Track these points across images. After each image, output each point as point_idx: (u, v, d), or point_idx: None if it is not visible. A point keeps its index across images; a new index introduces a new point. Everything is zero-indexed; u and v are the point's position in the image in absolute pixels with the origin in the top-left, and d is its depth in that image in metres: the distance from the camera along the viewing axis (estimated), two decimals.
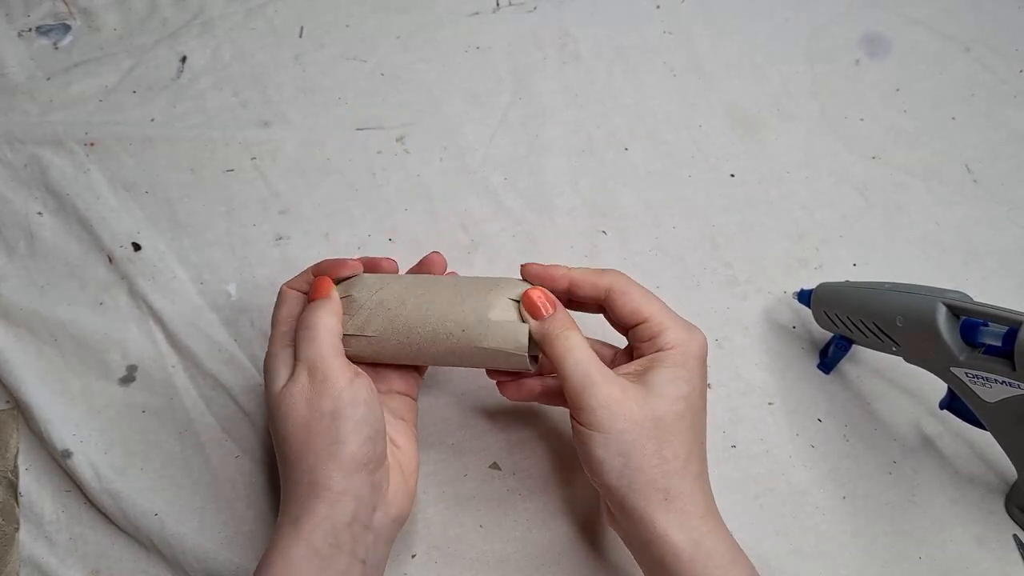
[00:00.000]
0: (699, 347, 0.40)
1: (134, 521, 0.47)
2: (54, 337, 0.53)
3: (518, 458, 0.50)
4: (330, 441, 0.38)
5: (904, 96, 0.63)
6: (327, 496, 0.37)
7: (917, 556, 0.47)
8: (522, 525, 0.48)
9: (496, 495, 0.49)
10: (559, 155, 0.60)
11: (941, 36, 0.65)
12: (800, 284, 0.53)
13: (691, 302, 0.55)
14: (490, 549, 0.47)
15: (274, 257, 0.56)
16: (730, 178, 0.60)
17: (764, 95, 0.63)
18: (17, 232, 0.56)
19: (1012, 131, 0.61)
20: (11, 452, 0.50)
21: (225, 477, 0.49)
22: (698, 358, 0.40)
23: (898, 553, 0.47)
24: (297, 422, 0.38)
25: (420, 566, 0.47)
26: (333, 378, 0.39)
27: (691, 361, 0.39)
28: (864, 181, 0.59)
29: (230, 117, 0.61)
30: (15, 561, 0.47)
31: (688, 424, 0.38)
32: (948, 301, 0.41)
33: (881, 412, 0.51)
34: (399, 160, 0.60)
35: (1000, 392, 0.41)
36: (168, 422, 0.51)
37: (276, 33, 0.65)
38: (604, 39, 0.65)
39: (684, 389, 0.38)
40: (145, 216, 0.57)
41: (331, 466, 0.37)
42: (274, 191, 0.58)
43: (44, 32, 0.65)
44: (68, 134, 0.59)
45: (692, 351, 0.40)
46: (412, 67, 0.64)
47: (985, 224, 0.58)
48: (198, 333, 0.53)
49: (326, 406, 0.38)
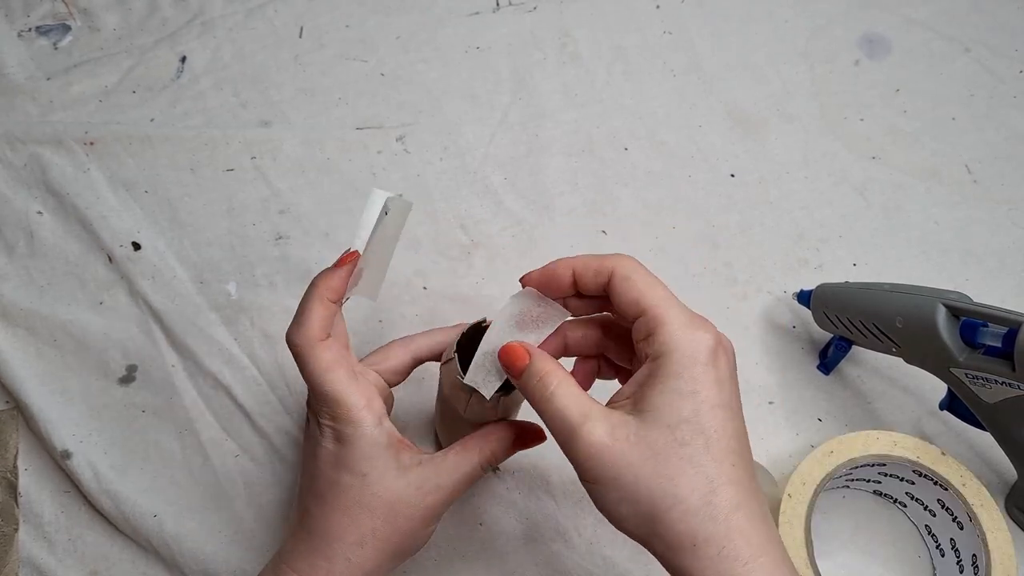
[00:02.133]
0: (704, 349, 0.32)
1: (133, 522, 0.47)
2: (54, 337, 0.53)
3: (518, 458, 0.50)
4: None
5: (904, 96, 0.63)
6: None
7: (916, 556, 0.47)
8: (522, 524, 0.48)
9: (496, 494, 0.49)
10: (559, 155, 0.60)
11: (941, 36, 0.65)
12: (800, 284, 0.53)
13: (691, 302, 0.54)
14: (489, 548, 0.47)
15: (274, 256, 0.56)
16: (730, 178, 0.60)
17: (764, 95, 0.63)
18: (17, 232, 0.56)
19: (1012, 131, 0.61)
20: (10, 452, 0.50)
21: (225, 477, 0.49)
22: (704, 363, 0.32)
23: (897, 552, 0.47)
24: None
25: (419, 565, 0.47)
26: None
27: (694, 369, 0.32)
28: (863, 181, 0.59)
29: (230, 117, 0.61)
30: (14, 562, 0.47)
31: (701, 448, 0.31)
32: (948, 302, 0.41)
33: (881, 412, 0.51)
34: (399, 160, 0.60)
35: (1000, 392, 0.41)
36: (168, 422, 0.51)
37: (276, 33, 0.65)
38: (604, 39, 0.65)
39: (685, 408, 0.31)
40: (145, 215, 0.57)
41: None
42: (274, 191, 0.58)
43: (44, 32, 0.65)
44: (68, 134, 0.59)
45: (693, 354, 0.32)
46: (412, 67, 0.64)
47: (985, 224, 0.58)
48: (198, 333, 0.53)
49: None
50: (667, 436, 0.31)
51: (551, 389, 0.33)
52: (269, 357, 0.52)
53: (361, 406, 0.37)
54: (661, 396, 0.32)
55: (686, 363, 0.32)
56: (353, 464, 0.37)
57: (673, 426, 0.31)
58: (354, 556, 0.37)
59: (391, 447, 0.37)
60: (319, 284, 0.38)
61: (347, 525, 0.37)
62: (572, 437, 0.32)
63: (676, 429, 0.31)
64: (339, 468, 0.37)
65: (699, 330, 0.33)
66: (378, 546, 0.37)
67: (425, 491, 0.37)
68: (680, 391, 0.32)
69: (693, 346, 0.32)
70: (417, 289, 0.55)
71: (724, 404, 0.32)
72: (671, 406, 0.31)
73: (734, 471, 0.31)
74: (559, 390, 0.33)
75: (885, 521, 0.49)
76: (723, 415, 0.32)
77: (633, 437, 0.31)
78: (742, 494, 0.31)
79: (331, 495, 0.37)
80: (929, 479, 0.45)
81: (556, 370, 0.34)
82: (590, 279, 0.36)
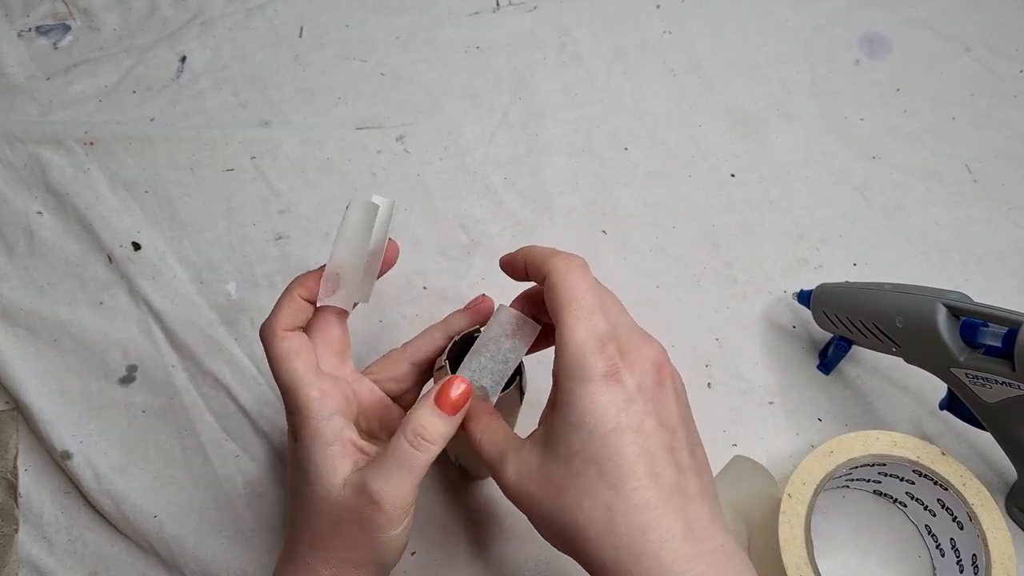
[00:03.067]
0: (599, 370, 0.31)
1: (133, 523, 0.47)
2: (54, 337, 0.53)
3: None
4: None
5: (904, 96, 0.63)
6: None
7: (916, 556, 0.47)
8: (521, 524, 0.48)
9: (496, 494, 0.49)
10: (559, 155, 0.60)
11: (941, 36, 0.65)
12: (800, 284, 0.53)
13: (691, 302, 0.55)
14: (489, 548, 0.47)
15: (274, 256, 0.56)
16: (730, 178, 0.60)
17: (764, 95, 0.63)
18: (17, 232, 0.56)
19: (1012, 131, 0.61)
20: (11, 453, 0.50)
21: (225, 477, 0.49)
22: (600, 385, 0.30)
23: (897, 552, 0.47)
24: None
25: (419, 564, 0.47)
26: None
27: (584, 398, 0.30)
28: (864, 181, 0.59)
29: (230, 117, 0.61)
30: (14, 562, 0.47)
31: (595, 478, 0.30)
32: (948, 302, 0.41)
33: (881, 412, 0.51)
34: (399, 160, 0.60)
35: (1000, 392, 0.41)
36: (168, 422, 0.51)
37: (276, 33, 0.65)
38: (604, 39, 0.65)
39: (575, 440, 0.30)
40: (145, 215, 0.57)
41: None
42: (274, 190, 0.58)
43: (44, 32, 0.65)
44: (68, 134, 0.59)
45: (586, 379, 0.30)
46: (412, 67, 0.64)
47: (985, 224, 0.58)
48: (198, 333, 0.53)
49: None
50: (563, 469, 0.31)
51: (477, 436, 0.35)
52: None
53: (312, 396, 0.35)
54: (556, 427, 0.31)
55: (577, 392, 0.31)
56: (300, 460, 0.36)
57: (567, 458, 0.31)
58: (314, 560, 0.35)
59: (337, 445, 0.35)
60: (292, 281, 0.38)
61: (303, 527, 0.36)
62: (495, 474, 0.33)
63: (570, 461, 0.31)
64: (294, 465, 0.37)
65: (597, 354, 0.31)
66: (334, 553, 0.35)
67: (365, 498, 0.33)
68: (570, 423, 0.31)
69: (586, 371, 0.31)
70: (417, 289, 0.55)
71: (622, 427, 0.30)
72: (563, 438, 0.31)
73: (636, 495, 0.30)
74: (484, 436, 0.35)
75: (885, 521, 0.49)
76: (618, 440, 0.30)
77: (536, 474, 0.32)
78: (649, 516, 0.30)
79: (293, 494, 0.37)
80: (929, 479, 0.45)
81: (483, 414, 0.35)
82: (534, 275, 0.36)
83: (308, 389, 0.36)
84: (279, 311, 0.37)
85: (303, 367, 0.36)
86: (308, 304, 0.38)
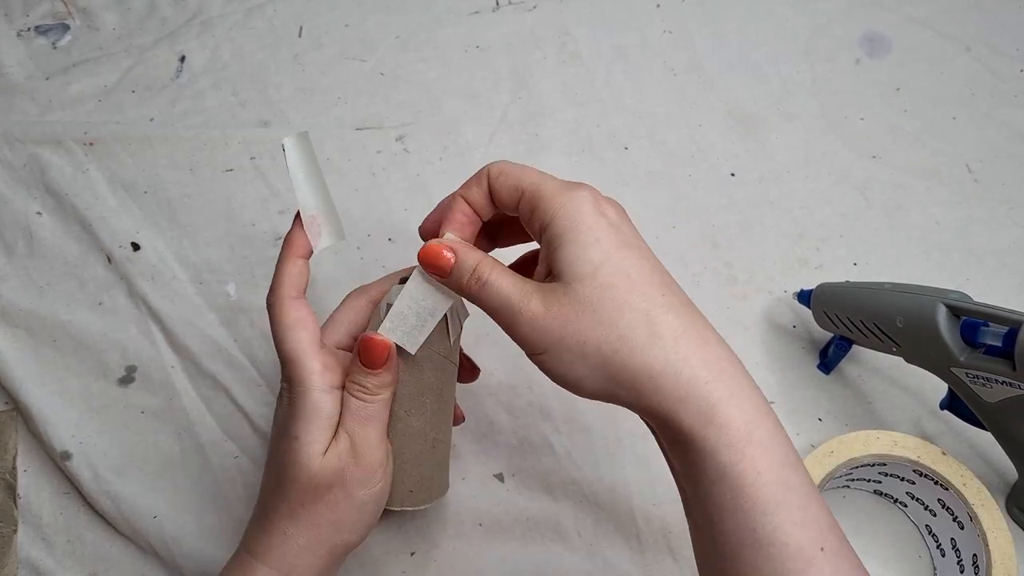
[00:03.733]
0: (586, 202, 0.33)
1: (133, 523, 0.47)
2: (53, 338, 0.53)
3: (518, 461, 0.50)
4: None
5: (904, 96, 0.63)
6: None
7: (916, 555, 0.47)
8: (521, 525, 0.48)
9: (496, 495, 0.49)
10: (559, 154, 0.60)
11: (941, 36, 0.65)
12: (800, 284, 0.53)
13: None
14: (489, 548, 0.47)
15: (274, 257, 0.55)
16: (730, 178, 0.60)
17: (764, 95, 0.63)
18: (16, 232, 0.56)
19: (1013, 130, 0.61)
20: (10, 454, 0.50)
21: (225, 478, 0.49)
22: (592, 213, 0.33)
23: (897, 552, 0.47)
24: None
25: (419, 564, 0.47)
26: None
27: (584, 220, 0.33)
28: (864, 181, 0.59)
29: (229, 117, 0.61)
30: (13, 563, 0.47)
31: (626, 287, 0.32)
32: (948, 301, 0.41)
33: (881, 412, 0.51)
34: (399, 160, 0.60)
35: (1000, 392, 0.41)
36: (167, 423, 0.51)
37: (275, 33, 0.65)
38: (604, 39, 0.65)
39: (595, 255, 0.32)
40: (144, 216, 0.57)
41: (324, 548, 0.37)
42: (273, 191, 0.58)
43: (43, 32, 0.65)
44: (67, 134, 0.59)
45: (578, 208, 0.33)
46: (412, 67, 0.64)
47: (985, 224, 0.58)
48: (197, 333, 0.53)
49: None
50: (591, 285, 0.32)
51: (485, 278, 0.34)
52: (269, 358, 0.52)
53: (313, 369, 0.37)
54: (569, 254, 0.32)
55: (575, 217, 0.33)
56: (290, 426, 0.36)
57: (592, 274, 0.32)
58: (290, 528, 0.36)
59: (332, 418, 0.37)
60: (284, 245, 0.39)
61: (279, 496, 0.36)
62: (514, 316, 0.33)
63: (596, 276, 0.32)
64: (281, 431, 0.37)
65: (575, 189, 0.34)
66: (313, 519, 0.36)
67: (340, 455, 0.36)
68: (582, 242, 0.32)
69: (575, 203, 0.33)
70: None
71: (629, 244, 0.33)
72: (581, 258, 0.32)
73: (666, 300, 0.32)
74: (492, 277, 0.34)
75: (885, 521, 0.49)
76: (633, 254, 0.33)
77: (564, 299, 0.32)
78: (683, 320, 0.32)
79: (270, 459, 0.38)
80: (929, 479, 0.45)
81: (484, 259, 0.35)
82: (478, 199, 0.37)
83: (311, 362, 0.37)
84: (282, 278, 0.38)
85: (307, 339, 0.37)
86: (305, 262, 0.39)
